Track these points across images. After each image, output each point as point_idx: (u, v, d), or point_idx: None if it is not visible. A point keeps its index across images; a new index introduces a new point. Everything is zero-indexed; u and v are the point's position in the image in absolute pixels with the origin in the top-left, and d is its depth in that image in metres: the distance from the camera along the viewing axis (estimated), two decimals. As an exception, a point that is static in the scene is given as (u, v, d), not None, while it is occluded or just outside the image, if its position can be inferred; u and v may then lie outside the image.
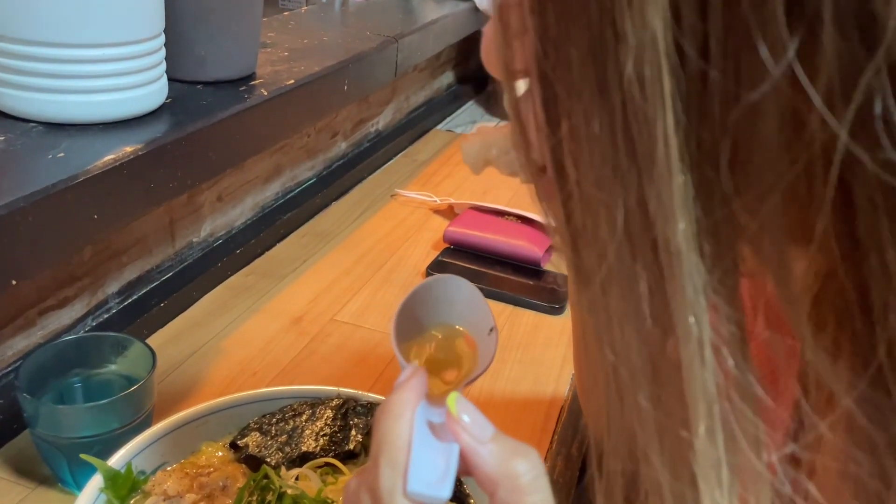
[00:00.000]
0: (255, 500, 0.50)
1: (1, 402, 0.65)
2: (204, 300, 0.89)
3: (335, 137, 1.22)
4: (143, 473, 0.54)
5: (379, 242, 1.06)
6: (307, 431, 0.56)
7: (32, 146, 0.62)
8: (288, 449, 0.55)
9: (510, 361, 0.83)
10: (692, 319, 0.22)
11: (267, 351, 0.81)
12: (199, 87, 0.81)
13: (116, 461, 0.52)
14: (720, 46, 0.19)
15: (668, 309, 0.22)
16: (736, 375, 0.22)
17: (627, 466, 0.27)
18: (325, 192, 1.15)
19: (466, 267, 1.00)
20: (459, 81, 1.77)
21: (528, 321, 0.90)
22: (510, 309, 0.92)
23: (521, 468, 0.34)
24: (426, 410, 0.37)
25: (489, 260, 1.02)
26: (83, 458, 0.51)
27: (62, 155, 0.61)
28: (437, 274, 0.89)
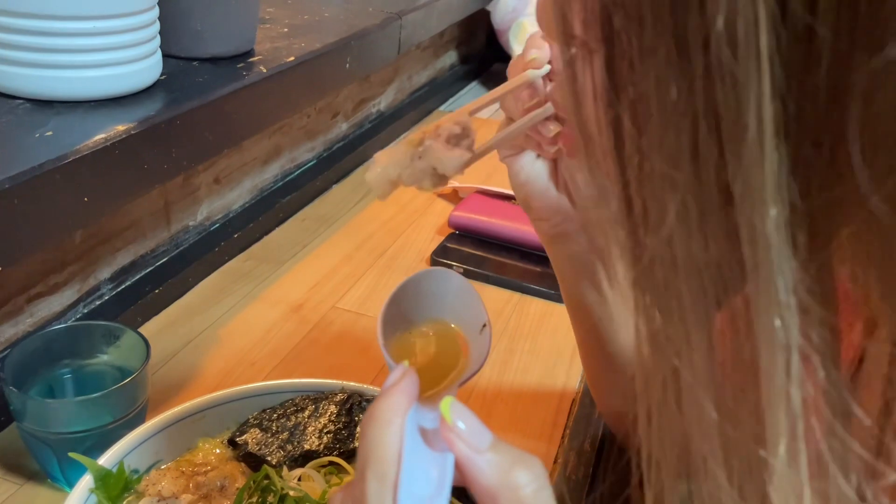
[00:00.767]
0: (255, 501, 0.47)
1: (-13, 393, 0.62)
2: (200, 286, 0.85)
3: (336, 118, 1.18)
4: (136, 472, 0.51)
5: (381, 227, 1.03)
6: (310, 428, 0.53)
7: (18, 124, 0.59)
8: (290, 447, 0.52)
9: (518, 352, 0.80)
10: (778, 322, 0.19)
11: (266, 340, 0.78)
12: (194, 63, 0.77)
13: (108, 459, 0.49)
14: None
15: (748, 310, 0.19)
16: (827, 389, 0.19)
17: (677, 479, 0.24)
18: (325, 174, 1.11)
19: (472, 253, 0.97)
20: (463, 61, 1.73)
21: (536, 309, 0.87)
22: (517, 297, 0.89)
23: (522, 479, 0.31)
24: (418, 415, 0.33)
25: (496, 246, 0.98)
26: (72, 456, 0.48)
27: (50, 133, 0.58)
28: (429, 268, 0.86)
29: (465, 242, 0.99)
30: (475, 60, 1.76)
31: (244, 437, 0.53)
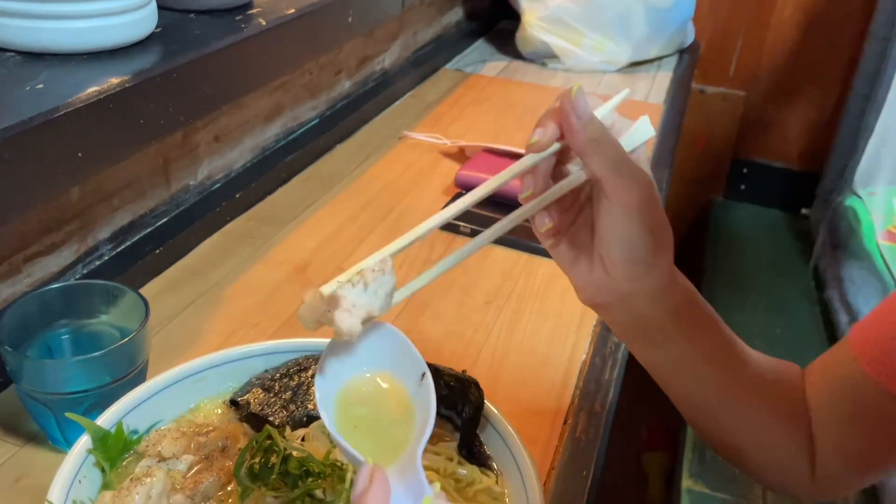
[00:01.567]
0: (257, 462, 0.46)
1: (-15, 354, 0.60)
2: (202, 247, 0.84)
3: (339, 75, 1.15)
4: (135, 433, 0.49)
5: (387, 187, 1.01)
6: (313, 388, 0.51)
7: (8, 77, 0.57)
8: (293, 407, 0.51)
9: (526, 312, 0.78)
10: None
11: (270, 301, 0.76)
12: (191, 15, 0.74)
13: (106, 420, 0.48)
14: None
15: None
16: None
17: None
18: (328, 133, 1.09)
19: (478, 213, 0.94)
20: (469, 18, 1.69)
21: (544, 270, 0.86)
22: (526, 257, 0.87)
23: None
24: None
25: (503, 205, 0.95)
26: (69, 416, 0.47)
27: (41, 86, 0.56)
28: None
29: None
30: (481, 17, 1.72)
31: (246, 397, 0.52)
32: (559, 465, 0.60)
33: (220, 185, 0.90)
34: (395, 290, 0.42)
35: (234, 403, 0.53)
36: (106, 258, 0.74)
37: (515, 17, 1.56)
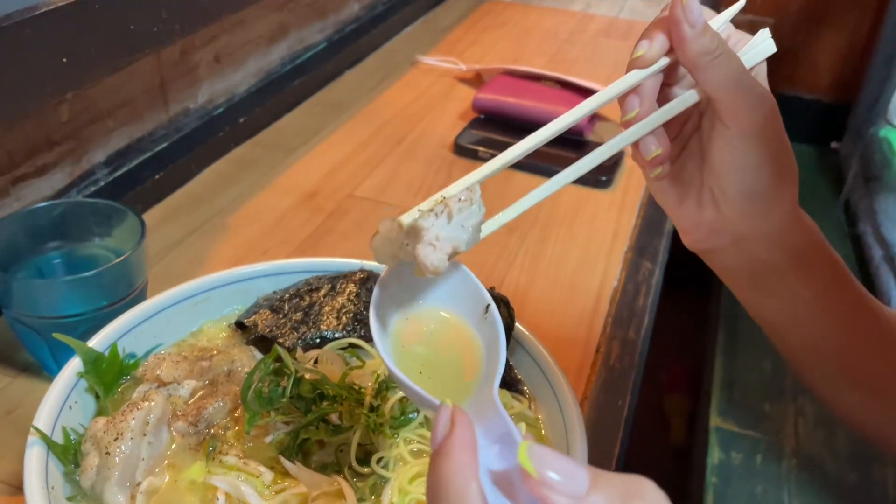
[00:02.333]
0: (266, 386, 0.41)
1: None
2: (205, 173, 0.79)
3: (347, -3, 1.08)
4: (132, 356, 0.45)
5: (399, 113, 0.95)
6: (326, 308, 0.47)
7: (-19, -28, 0.51)
8: (304, 328, 0.46)
9: (551, 240, 0.73)
10: None
11: (279, 228, 0.71)
12: (184, -85, 0.68)
13: (99, 342, 0.43)
14: None
15: None
16: None
17: None
18: (337, 57, 1.02)
19: (497, 139, 0.89)
20: (482, -56, 1.59)
21: (570, 197, 0.80)
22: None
23: None
24: (484, 458, 0.27)
25: (524, 130, 0.89)
26: (56, 337, 0.42)
27: (17, -18, 0.50)
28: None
29: (490, 127, 0.90)
30: (496, -57, 1.63)
31: (253, 318, 0.47)
32: (592, 393, 0.56)
33: (222, 109, 0.85)
34: (483, 222, 0.36)
35: (240, 326, 0.48)
36: (102, 183, 0.69)
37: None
